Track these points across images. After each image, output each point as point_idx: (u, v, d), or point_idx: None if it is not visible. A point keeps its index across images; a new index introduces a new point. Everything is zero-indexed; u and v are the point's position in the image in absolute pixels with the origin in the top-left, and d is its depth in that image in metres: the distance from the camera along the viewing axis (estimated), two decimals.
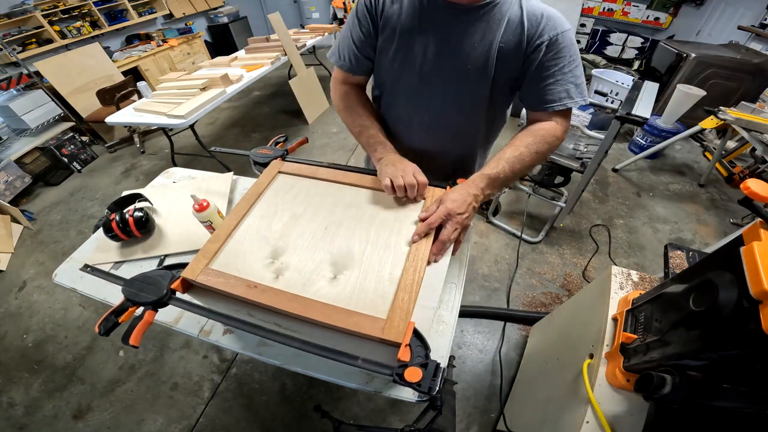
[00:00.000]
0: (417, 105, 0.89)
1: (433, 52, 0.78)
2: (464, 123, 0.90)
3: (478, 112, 0.87)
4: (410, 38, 0.79)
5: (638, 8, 4.25)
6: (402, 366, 0.55)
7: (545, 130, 0.79)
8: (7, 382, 1.66)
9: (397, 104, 0.93)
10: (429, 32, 0.77)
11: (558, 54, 0.73)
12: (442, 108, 0.87)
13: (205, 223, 0.87)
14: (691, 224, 2.34)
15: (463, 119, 0.89)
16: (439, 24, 0.76)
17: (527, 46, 0.73)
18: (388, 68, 0.86)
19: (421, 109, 0.89)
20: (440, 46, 0.77)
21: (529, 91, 0.80)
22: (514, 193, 2.54)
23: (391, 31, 0.80)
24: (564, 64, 0.74)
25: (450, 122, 0.90)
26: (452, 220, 0.69)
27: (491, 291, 1.92)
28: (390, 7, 0.79)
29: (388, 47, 0.83)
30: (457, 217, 0.69)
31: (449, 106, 0.86)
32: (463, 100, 0.85)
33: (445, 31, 0.76)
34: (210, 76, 2.52)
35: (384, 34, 0.81)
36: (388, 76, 0.88)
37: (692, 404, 0.54)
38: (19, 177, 2.84)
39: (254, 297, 0.64)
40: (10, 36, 3.12)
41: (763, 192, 0.60)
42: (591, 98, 2.10)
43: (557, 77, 0.75)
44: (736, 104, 2.32)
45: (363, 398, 1.50)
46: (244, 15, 5.61)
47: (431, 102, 0.87)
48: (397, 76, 0.86)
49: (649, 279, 0.93)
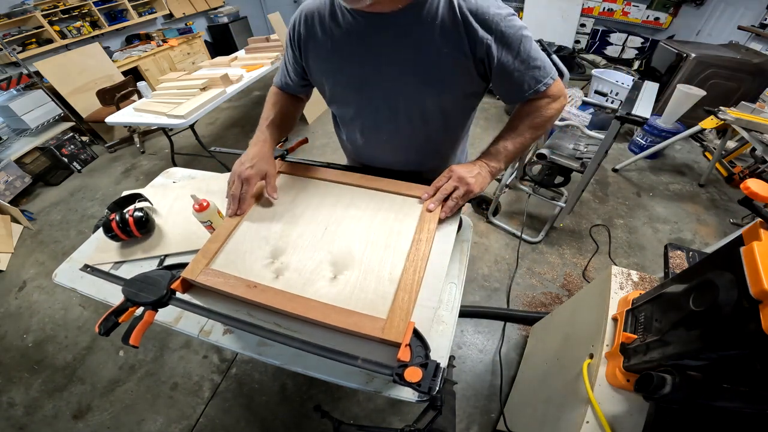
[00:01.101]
0: (369, 124, 0.88)
1: (370, 70, 0.75)
2: (423, 136, 0.87)
3: (433, 123, 0.84)
4: (343, 58, 0.76)
5: (638, 8, 4.25)
6: (402, 366, 0.55)
7: (539, 102, 0.78)
8: (7, 382, 1.66)
9: (353, 125, 0.92)
10: (360, 49, 0.73)
11: (509, 46, 0.68)
12: (394, 125, 0.84)
13: (205, 223, 0.87)
14: (691, 224, 2.34)
15: (420, 133, 0.86)
16: (368, 38, 0.72)
17: (474, 48, 0.68)
18: (331, 91, 0.85)
19: (375, 129, 0.88)
20: (374, 62, 0.74)
21: (501, 90, 0.78)
22: (514, 193, 2.54)
23: (322, 53, 0.79)
24: (520, 52, 0.69)
25: (408, 138, 0.87)
26: (461, 186, 0.76)
27: (491, 291, 1.92)
28: (312, 30, 0.77)
29: (325, 69, 0.82)
30: (467, 180, 0.76)
31: (401, 123, 0.84)
32: (412, 114, 0.82)
33: (374, 44, 0.72)
34: (210, 76, 2.52)
35: (313, 58, 0.81)
36: (334, 98, 0.88)
37: (692, 404, 0.54)
38: (19, 177, 2.84)
39: (254, 297, 0.64)
40: (10, 36, 3.12)
41: (763, 192, 0.60)
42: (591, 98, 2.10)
43: (519, 68, 0.71)
44: (736, 104, 2.32)
45: (363, 398, 1.50)
46: (244, 15, 5.61)
47: (381, 120, 0.84)
48: (342, 97, 0.86)
49: (649, 279, 0.93)
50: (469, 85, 0.77)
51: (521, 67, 0.71)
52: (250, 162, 0.78)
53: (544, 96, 0.77)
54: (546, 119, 0.78)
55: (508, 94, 0.77)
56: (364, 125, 0.89)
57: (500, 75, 0.72)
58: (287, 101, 0.96)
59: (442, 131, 0.89)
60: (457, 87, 0.76)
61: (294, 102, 0.98)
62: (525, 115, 0.80)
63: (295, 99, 0.98)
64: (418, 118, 0.82)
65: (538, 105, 0.78)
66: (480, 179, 0.77)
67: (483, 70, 0.73)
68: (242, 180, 0.77)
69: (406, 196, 0.85)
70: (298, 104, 1.00)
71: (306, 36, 0.78)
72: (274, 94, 0.96)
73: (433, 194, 0.78)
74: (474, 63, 0.71)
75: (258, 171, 0.79)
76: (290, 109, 0.96)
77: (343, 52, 0.75)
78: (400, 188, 0.86)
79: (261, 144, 0.84)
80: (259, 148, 0.83)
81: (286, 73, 0.91)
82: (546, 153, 1.82)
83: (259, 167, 0.79)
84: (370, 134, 0.91)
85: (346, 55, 0.76)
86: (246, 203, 0.78)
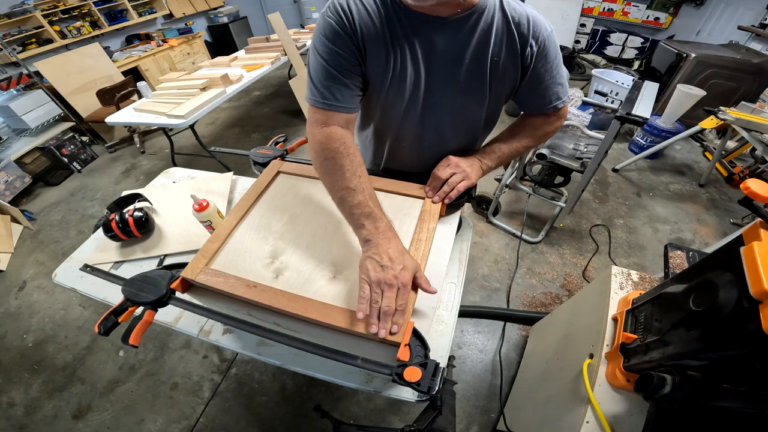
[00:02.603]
0: (410, 128, 0.83)
1: (424, 72, 0.71)
2: (463, 139, 0.87)
3: (475, 127, 0.85)
4: (402, 59, 0.70)
5: (638, 8, 4.25)
6: (401, 366, 0.55)
7: (541, 118, 0.84)
8: (7, 382, 1.66)
9: (392, 129, 0.85)
10: (417, 51, 0.69)
11: (546, 58, 0.73)
12: (438, 130, 0.82)
13: (205, 223, 0.87)
14: (691, 224, 2.34)
15: (462, 136, 0.86)
16: (425, 41, 0.68)
17: (522, 55, 0.71)
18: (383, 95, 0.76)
19: (416, 132, 0.83)
20: (429, 65, 0.71)
21: (523, 98, 0.81)
22: (514, 193, 2.54)
23: (381, 52, 0.69)
24: (552, 67, 0.74)
25: (448, 142, 0.86)
26: (458, 174, 0.80)
27: (491, 291, 1.92)
28: (362, 19, 0.66)
29: (381, 71, 0.71)
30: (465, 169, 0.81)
31: (445, 128, 0.82)
32: (459, 119, 0.81)
33: (430, 48, 0.69)
34: (210, 76, 2.52)
35: (371, 56, 0.69)
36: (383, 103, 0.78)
37: (692, 404, 0.54)
38: (19, 177, 2.84)
39: (254, 297, 0.64)
40: (10, 36, 3.12)
41: (763, 192, 0.60)
42: (591, 98, 2.10)
43: (547, 81, 0.76)
44: (736, 104, 2.32)
45: (363, 398, 1.50)
46: (244, 15, 5.60)
47: (425, 124, 0.81)
48: (391, 102, 0.77)
49: (649, 279, 0.93)
50: (510, 92, 0.79)
51: (550, 81, 0.76)
52: (395, 263, 0.58)
53: (557, 112, 0.82)
54: (547, 134, 0.86)
55: (530, 102, 0.81)
56: (406, 129, 0.83)
57: (530, 83, 0.76)
58: (349, 138, 0.71)
59: (478, 136, 0.89)
60: (502, 95, 0.78)
61: (349, 139, 0.71)
62: (530, 125, 0.85)
63: (348, 136, 0.72)
64: (460, 123, 0.82)
65: (547, 120, 0.84)
66: (475, 170, 0.83)
67: (523, 77, 0.75)
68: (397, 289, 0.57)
69: (406, 196, 0.85)
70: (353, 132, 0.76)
71: (362, 29, 0.66)
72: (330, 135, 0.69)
73: (433, 184, 0.82)
74: (521, 71, 0.73)
75: (412, 273, 0.60)
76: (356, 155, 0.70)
77: (405, 52, 0.69)
78: (400, 188, 0.86)
79: (390, 235, 0.62)
80: (391, 237, 0.62)
81: (336, 85, 0.68)
82: (546, 153, 1.82)
83: (410, 267, 0.59)
84: (409, 138, 0.85)
85: (406, 56, 0.69)
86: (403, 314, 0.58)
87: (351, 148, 0.69)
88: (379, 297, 0.57)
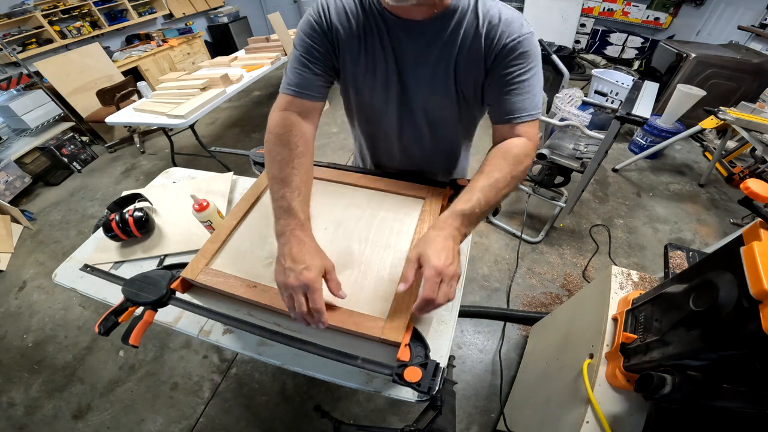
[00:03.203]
0: (388, 129, 0.85)
1: (396, 73, 0.73)
2: (441, 139, 0.87)
3: (452, 127, 0.85)
4: (376, 59, 0.71)
5: (638, 8, 4.25)
6: (402, 366, 0.55)
7: (517, 148, 0.68)
8: (7, 382, 1.66)
9: (369, 128, 0.88)
10: (393, 53, 0.70)
11: (515, 61, 0.66)
12: (415, 130, 0.84)
13: (205, 223, 0.87)
14: (691, 224, 2.34)
15: (440, 137, 0.86)
16: (400, 42, 0.69)
17: (485, 56, 0.67)
18: (358, 94, 0.79)
19: (395, 132, 0.85)
20: (401, 66, 0.72)
21: (489, 103, 0.74)
22: (514, 194, 2.54)
23: (355, 51, 0.71)
24: (520, 72, 0.67)
25: (427, 142, 0.87)
26: (445, 280, 0.55)
27: (491, 291, 1.92)
28: (344, 23, 0.69)
29: (357, 70, 0.74)
30: (448, 271, 0.55)
31: (422, 128, 0.83)
32: (434, 120, 0.81)
33: (406, 49, 0.70)
34: (210, 76, 2.52)
35: (347, 55, 0.72)
36: (360, 102, 0.82)
37: (692, 404, 0.54)
38: (19, 177, 2.84)
39: (254, 297, 0.64)
40: (10, 36, 3.12)
41: (763, 192, 0.60)
42: (591, 98, 2.10)
43: (515, 87, 0.68)
44: (736, 104, 2.32)
45: (363, 398, 1.50)
46: (244, 15, 5.60)
47: (403, 124, 0.83)
48: (369, 101, 0.79)
49: (649, 279, 0.93)
50: (475, 95, 0.76)
51: (518, 87, 0.67)
52: (297, 264, 0.56)
53: (527, 130, 0.70)
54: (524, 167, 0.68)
55: (496, 110, 0.72)
56: (386, 128, 0.86)
57: (493, 87, 0.70)
58: (302, 127, 0.71)
59: (457, 136, 0.89)
60: (470, 97, 0.76)
61: (310, 125, 0.73)
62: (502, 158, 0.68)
63: (310, 118, 0.74)
64: (437, 123, 0.82)
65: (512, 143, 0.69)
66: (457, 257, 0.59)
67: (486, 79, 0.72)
68: (303, 291, 0.55)
69: (406, 196, 0.85)
70: (314, 125, 0.75)
71: (339, 27, 0.69)
72: (282, 121, 0.69)
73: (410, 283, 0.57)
74: (485, 73, 0.70)
75: (317, 272, 0.57)
76: (309, 140, 0.71)
77: (377, 53, 0.71)
78: (400, 188, 0.87)
79: (298, 234, 0.60)
80: (297, 241, 0.59)
81: (303, 69, 0.70)
82: (546, 153, 1.82)
83: (313, 265, 0.57)
84: (391, 137, 0.88)
85: (379, 57, 0.71)
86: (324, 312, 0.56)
87: (296, 137, 0.68)
88: (292, 301, 0.56)
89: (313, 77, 0.71)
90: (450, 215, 0.62)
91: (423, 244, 0.58)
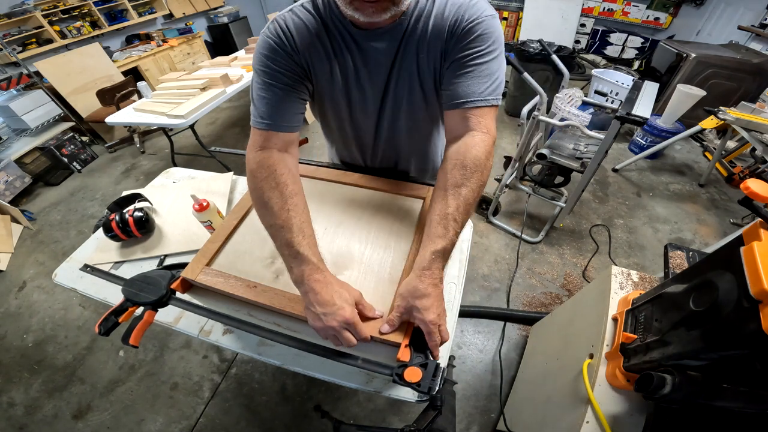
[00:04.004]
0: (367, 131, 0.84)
1: (368, 80, 0.72)
2: (415, 138, 0.87)
3: (427, 125, 0.85)
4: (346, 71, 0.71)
5: (638, 8, 4.25)
6: (402, 366, 0.55)
7: (475, 149, 0.62)
8: (7, 382, 1.66)
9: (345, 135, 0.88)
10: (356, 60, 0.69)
11: (473, 43, 0.62)
12: (392, 132, 0.83)
13: (205, 223, 0.87)
14: (691, 224, 2.34)
15: (413, 137, 0.86)
16: (364, 49, 0.68)
17: (443, 41, 0.65)
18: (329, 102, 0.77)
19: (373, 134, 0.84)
20: (370, 72, 0.71)
21: (444, 88, 0.68)
22: (514, 193, 2.54)
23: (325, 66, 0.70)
24: (478, 55, 0.62)
25: (404, 142, 0.86)
26: (442, 325, 0.57)
27: (491, 291, 1.92)
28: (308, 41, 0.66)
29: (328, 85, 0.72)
30: (442, 319, 0.57)
31: (399, 129, 0.82)
32: (410, 121, 0.80)
33: (368, 55, 0.68)
34: (210, 76, 2.51)
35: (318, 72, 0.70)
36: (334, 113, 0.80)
37: (692, 404, 0.54)
38: (19, 177, 2.84)
39: (254, 297, 0.64)
40: (10, 36, 3.11)
41: (763, 192, 0.60)
42: (591, 98, 2.10)
43: (470, 70, 0.63)
44: (736, 104, 2.32)
45: (363, 398, 1.50)
46: (244, 15, 5.60)
47: (381, 127, 0.82)
48: (339, 107, 0.78)
49: (649, 279, 0.93)
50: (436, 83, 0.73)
51: (474, 72, 0.63)
52: (330, 307, 0.55)
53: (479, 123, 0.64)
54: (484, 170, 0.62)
55: (448, 95, 0.66)
56: (363, 132, 0.85)
57: (451, 70, 0.65)
58: (286, 163, 0.67)
59: (431, 135, 0.89)
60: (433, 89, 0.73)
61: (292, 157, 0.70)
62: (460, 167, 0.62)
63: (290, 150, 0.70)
64: (411, 123, 0.81)
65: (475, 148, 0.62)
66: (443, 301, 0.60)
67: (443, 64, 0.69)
68: (345, 328, 0.55)
69: (406, 196, 0.85)
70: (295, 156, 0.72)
71: (304, 45, 0.66)
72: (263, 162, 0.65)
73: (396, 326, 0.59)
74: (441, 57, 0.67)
75: (352, 307, 0.57)
76: (296, 175, 0.68)
77: (344, 63, 0.70)
78: (400, 188, 0.87)
79: (317, 278, 0.58)
80: (320, 286, 0.57)
81: (273, 98, 0.66)
82: (546, 153, 1.82)
83: (346, 303, 0.57)
84: (365, 142, 0.88)
85: (345, 67, 0.70)
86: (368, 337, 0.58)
87: (282, 176, 0.64)
88: (338, 340, 0.56)
89: (286, 105, 0.67)
90: (432, 259, 0.58)
91: (413, 298, 0.57)
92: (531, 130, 1.89)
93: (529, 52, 3.05)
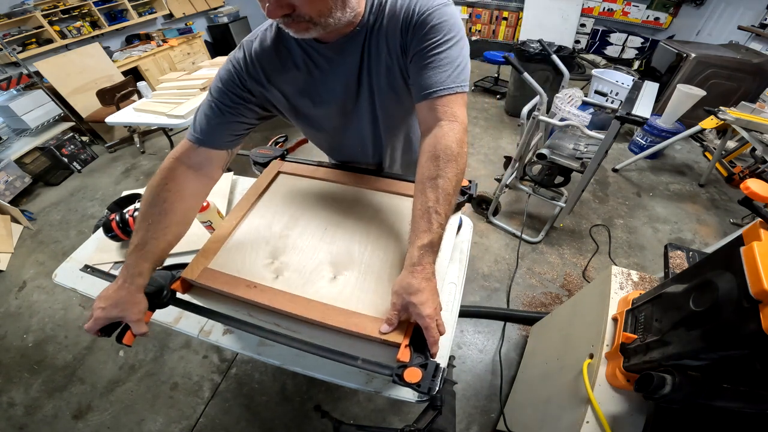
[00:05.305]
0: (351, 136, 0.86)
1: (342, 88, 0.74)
2: (396, 135, 0.88)
3: (407, 121, 0.86)
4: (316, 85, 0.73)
5: (638, 8, 4.25)
6: (402, 366, 0.55)
7: (446, 138, 0.61)
8: (7, 382, 1.66)
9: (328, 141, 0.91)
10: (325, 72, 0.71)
11: (429, 35, 0.62)
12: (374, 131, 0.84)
13: (205, 223, 0.87)
14: (691, 224, 2.34)
15: (395, 133, 0.87)
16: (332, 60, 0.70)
17: (401, 36, 0.65)
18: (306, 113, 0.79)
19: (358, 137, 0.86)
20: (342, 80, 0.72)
21: (410, 83, 0.69)
22: (514, 193, 2.54)
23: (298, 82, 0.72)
24: (436, 45, 0.62)
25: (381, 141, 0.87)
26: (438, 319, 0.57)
27: (491, 291, 1.92)
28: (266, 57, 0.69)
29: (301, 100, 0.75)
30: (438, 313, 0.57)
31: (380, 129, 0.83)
32: (384, 120, 0.81)
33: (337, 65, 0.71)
34: (210, 76, 2.51)
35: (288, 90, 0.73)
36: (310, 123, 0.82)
37: (692, 404, 0.54)
38: (19, 177, 2.84)
39: (254, 297, 0.64)
40: (10, 36, 3.11)
41: (763, 192, 0.60)
42: (591, 98, 2.10)
43: (431, 60, 0.63)
44: (736, 104, 2.32)
45: (363, 398, 1.50)
46: (244, 15, 5.59)
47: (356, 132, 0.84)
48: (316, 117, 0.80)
49: (649, 279, 0.93)
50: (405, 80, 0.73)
51: (435, 62, 0.63)
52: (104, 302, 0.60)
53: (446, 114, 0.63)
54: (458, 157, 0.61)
55: (415, 89, 0.66)
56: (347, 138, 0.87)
57: (414, 63, 0.65)
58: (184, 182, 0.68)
59: (411, 130, 0.89)
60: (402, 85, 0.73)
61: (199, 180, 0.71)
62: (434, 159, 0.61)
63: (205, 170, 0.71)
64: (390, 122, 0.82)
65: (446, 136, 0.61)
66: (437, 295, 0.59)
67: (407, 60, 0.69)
68: None
69: (406, 196, 0.85)
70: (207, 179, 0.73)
71: (271, 68, 0.70)
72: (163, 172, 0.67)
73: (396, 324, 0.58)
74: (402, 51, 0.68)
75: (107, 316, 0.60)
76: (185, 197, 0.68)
77: (314, 76, 0.72)
78: (400, 188, 0.86)
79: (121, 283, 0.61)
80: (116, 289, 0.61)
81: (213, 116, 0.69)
82: (546, 153, 1.82)
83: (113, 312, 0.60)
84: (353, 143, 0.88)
85: (315, 79, 0.72)
86: None
87: (167, 192, 0.65)
88: None
89: (223, 126, 0.70)
90: (421, 254, 0.57)
91: (407, 294, 0.56)
92: (531, 130, 1.89)
93: (529, 52, 3.05)
